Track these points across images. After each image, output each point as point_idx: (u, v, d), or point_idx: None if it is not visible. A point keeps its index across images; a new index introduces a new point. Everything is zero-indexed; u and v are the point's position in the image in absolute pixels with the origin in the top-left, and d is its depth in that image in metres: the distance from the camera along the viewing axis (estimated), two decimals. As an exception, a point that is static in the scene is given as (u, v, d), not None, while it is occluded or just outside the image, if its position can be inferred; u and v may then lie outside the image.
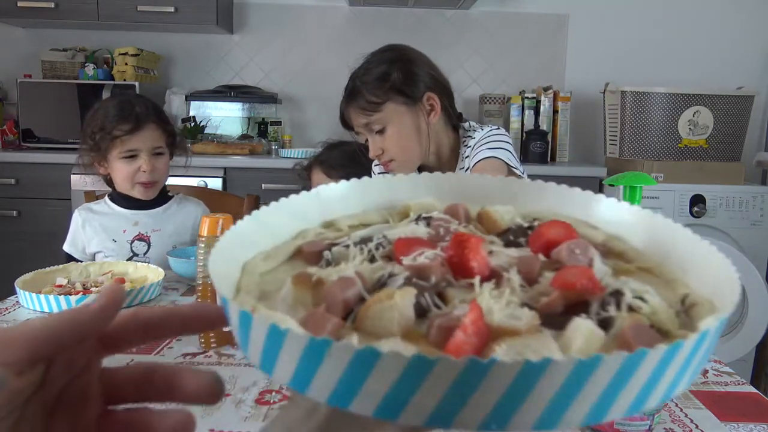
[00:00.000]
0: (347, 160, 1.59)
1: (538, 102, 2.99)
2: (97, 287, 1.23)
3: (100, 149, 1.49)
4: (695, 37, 3.18)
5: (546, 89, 3.00)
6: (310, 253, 0.39)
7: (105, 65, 3.05)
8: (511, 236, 0.39)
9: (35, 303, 1.14)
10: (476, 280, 0.33)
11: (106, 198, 1.59)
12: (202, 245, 0.97)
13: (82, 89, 2.84)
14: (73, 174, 2.65)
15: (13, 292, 1.19)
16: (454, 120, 1.35)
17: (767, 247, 2.61)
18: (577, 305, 0.31)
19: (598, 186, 2.72)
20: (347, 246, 0.38)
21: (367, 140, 1.32)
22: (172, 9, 2.86)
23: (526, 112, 3.00)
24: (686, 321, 0.32)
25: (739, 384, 0.88)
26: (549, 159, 2.94)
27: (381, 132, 1.27)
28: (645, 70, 3.17)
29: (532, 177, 1.32)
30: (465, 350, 0.27)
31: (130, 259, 1.52)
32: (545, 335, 0.28)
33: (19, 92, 2.84)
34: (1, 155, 2.72)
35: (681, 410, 0.79)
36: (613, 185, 0.76)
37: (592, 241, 0.37)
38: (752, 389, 0.87)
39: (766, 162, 2.91)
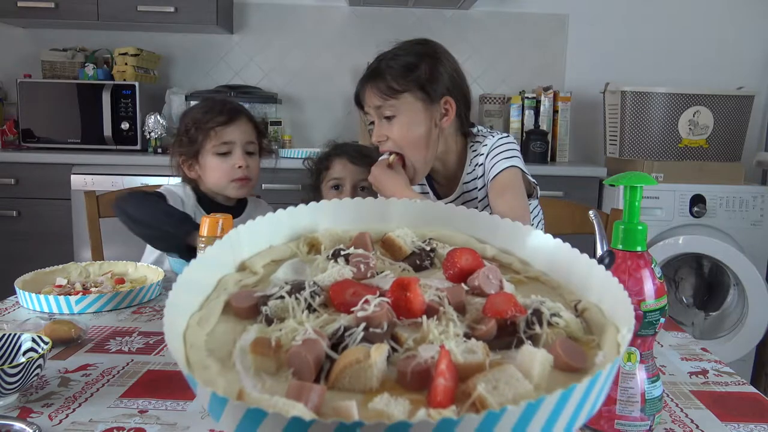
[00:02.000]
0: (370, 151, 1.58)
1: (538, 102, 2.99)
2: (96, 287, 1.23)
3: (195, 143, 1.46)
4: (695, 37, 3.18)
5: (546, 89, 3.00)
6: (242, 309, 0.40)
7: (105, 65, 3.05)
8: (418, 260, 0.44)
9: (35, 303, 1.14)
10: (423, 319, 0.36)
11: (197, 203, 1.51)
12: (202, 245, 0.97)
13: (82, 89, 2.84)
14: (73, 174, 2.65)
15: (13, 292, 1.19)
16: (465, 127, 1.35)
17: (767, 247, 2.60)
18: (505, 327, 0.36)
19: (598, 186, 2.72)
20: (282, 297, 0.38)
21: (371, 123, 1.32)
22: (172, 9, 2.86)
23: (526, 112, 3.00)
24: (584, 325, 0.37)
25: (739, 384, 0.88)
26: (549, 159, 2.94)
27: (389, 119, 1.26)
28: (645, 70, 3.17)
29: (533, 177, 1.33)
30: (449, 394, 0.31)
31: None
32: (509, 367, 0.32)
33: (19, 92, 2.84)
34: (1, 155, 2.72)
35: (681, 410, 0.79)
36: (613, 185, 0.76)
37: (483, 255, 0.42)
38: (752, 389, 0.87)
39: (766, 162, 2.91)
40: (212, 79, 3.22)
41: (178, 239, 1.18)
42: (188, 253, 1.32)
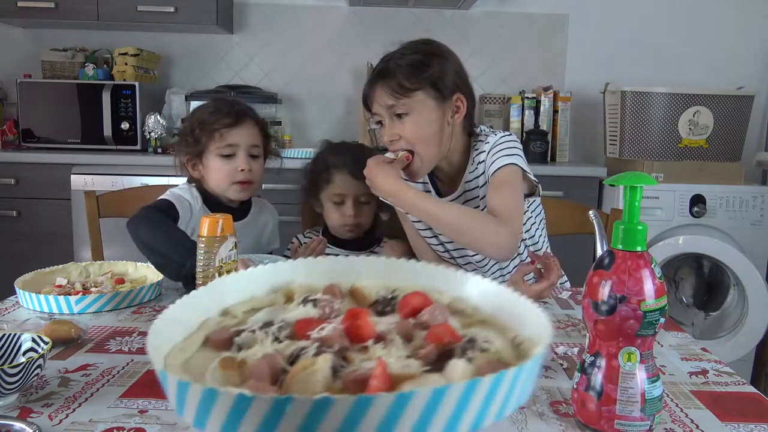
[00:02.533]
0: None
1: (538, 102, 2.99)
2: (96, 287, 1.23)
3: (199, 144, 1.46)
4: (695, 37, 3.18)
5: (546, 89, 3.00)
6: (219, 341, 0.45)
7: (105, 65, 3.05)
8: (380, 307, 0.51)
9: (35, 303, 1.14)
10: (370, 342, 0.43)
11: (203, 204, 1.50)
12: (203, 245, 0.97)
13: (82, 89, 2.84)
14: (73, 174, 2.65)
15: (13, 292, 1.19)
16: (471, 126, 1.35)
17: (767, 247, 2.60)
18: (445, 353, 0.42)
19: (598, 186, 2.72)
20: (253, 331, 0.44)
21: (377, 123, 1.31)
22: (172, 9, 2.86)
23: (526, 112, 3.00)
24: (520, 354, 0.44)
25: (739, 384, 0.88)
26: (549, 159, 2.94)
27: (401, 118, 1.26)
28: (645, 70, 3.17)
29: (534, 176, 1.33)
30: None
31: None
32: (434, 375, 0.38)
33: (19, 92, 2.84)
34: (1, 155, 2.72)
35: (681, 410, 0.79)
36: (613, 185, 0.76)
37: (440, 303, 0.49)
38: (752, 389, 0.87)
39: (766, 162, 2.91)
40: (212, 79, 3.22)
41: (185, 269, 1.17)
42: (193, 284, 1.30)
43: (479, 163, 1.32)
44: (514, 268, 1.41)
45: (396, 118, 1.27)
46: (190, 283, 1.14)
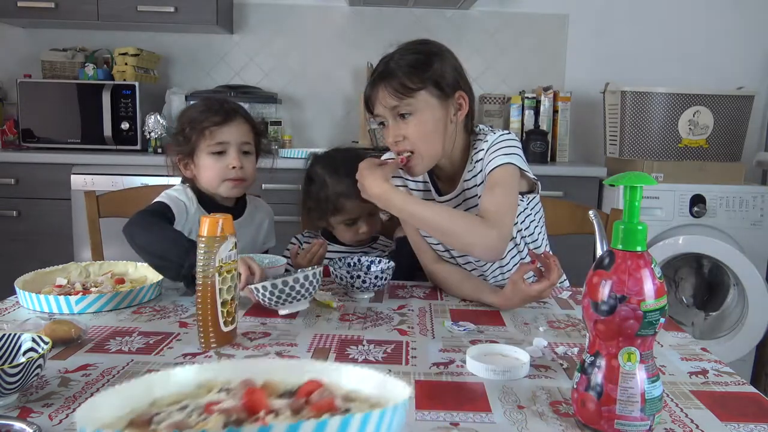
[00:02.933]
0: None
1: (538, 102, 2.99)
2: (96, 287, 1.23)
3: (189, 143, 1.46)
4: (695, 37, 3.18)
5: (546, 89, 3.00)
6: (141, 422, 0.53)
7: (105, 65, 3.05)
8: (285, 396, 0.58)
9: (35, 303, 1.14)
10: (262, 413, 0.51)
11: (198, 205, 1.50)
12: (203, 245, 0.97)
13: (82, 89, 2.84)
14: (73, 174, 2.65)
15: (13, 292, 1.19)
16: (471, 124, 1.36)
17: (767, 247, 2.61)
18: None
19: (598, 186, 2.72)
20: (171, 412, 0.52)
21: (380, 124, 1.31)
22: (172, 9, 2.86)
23: (526, 112, 3.00)
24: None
25: (739, 384, 0.88)
26: (549, 159, 2.94)
27: (405, 118, 1.26)
28: (645, 70, 3.17)
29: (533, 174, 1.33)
30: None
31: None
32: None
33: (19, 92, 2.84)
34: (1, 155, 2.72)
35: (681, 410, 0.79)
36: (613, 185, 0.76)
37: (338, 392, 0.58)
38: (752, 389, 0.87)
39: (766, 162, 2.91)
40: (212, 79, 3.22)
41: (184, 269, 1.17)
42: (194, 283, 1.30)
43: (477, 161, 1.32)
44: (514, 266, 1.41)
45: (400, 118, 1.26)
46: (191, 283, 1.14)
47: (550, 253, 1.21)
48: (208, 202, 1.49)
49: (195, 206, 1.47)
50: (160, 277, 1.27)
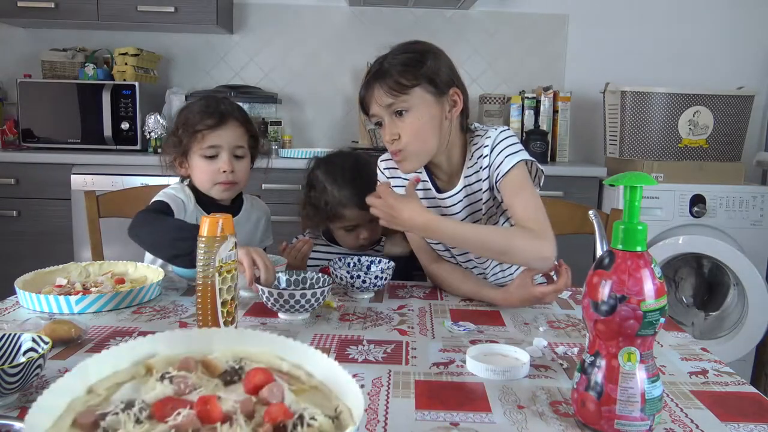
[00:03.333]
0: (369, 177, 1.51)
1: (538, 102, 2.99)
2: (97, 287, 1.23)
3: (182, 144, 1.47)
4: (695, 37, 3.18)
5: (546, 89, 3.00)
6: (86, 424, 0.51)
7: (105, 65, 3.05)
8: (228, 377, 0.58)
9: (35, 303, 1.14)
10: (218, 424, 0.51)
11: (196, 203, 1.51)
12: (203, 245, 0.97)
13: (82, 89, 2.84)
14: (73, 174, 2.65)
15: (13, 292, 1.19)
16: (465, 121, 1.36)
17: (767, 247, 2.60)
18: (278, 428, 0.52)
19: (598, 186, 2.72)
20: (117, 413, 0.50)
21: (376, 124, 1.32)
22: (172, 9, 2.86)
23: (526, 112, 3.00)
24: (339, 426, 0.53)
25: (739, 384, 0.88)
26: (549, 159, 2.94)
27: (400, 116, 1.26)
28: (645, 70, 3.17)
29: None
30: None
31: None
32: None
33: (19, 92, 2.84)
34: (1, 155, 2.72)
35: (681, 410, 0.79)
36: (613, 185, 0.76)
37: (279, 369, 0.58)
38: (752, 389, 0.87)
39: (766, 162, 2.91)
40: (212, 79, 3.22)
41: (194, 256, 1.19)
42: None
43: (480, 158, 1.33)
44: (514, 264, 1.41)
45: (396, 116, 1.27)
46: None
47: (563, 262, 1.22)
48: (205, 200, 1.49)
49: (193, 203, 1.48)
50: (161, 276, 1.27)
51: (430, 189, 1.39)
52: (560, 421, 0.76)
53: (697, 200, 2.56)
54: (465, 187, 1.35)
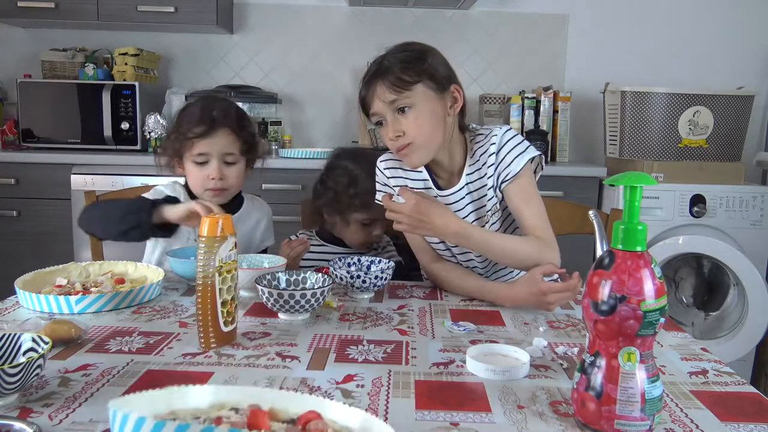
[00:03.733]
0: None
1: (538, 102, 2.99)
2: (97, 287, 1.23)
3: (175, 148, 1.49)
4: (695, 37, 3.18)
5: (546, 89, 3.00)
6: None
7: (105, 65, 3.05)
8: (287, 423, 0.66)
9: (35, 303, 1.14)
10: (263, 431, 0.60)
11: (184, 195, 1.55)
12: (203, 245, 0.97)
13: (82, 89, 2.84)
14: (73, 174, 2.65)
15: (13, 292, 1.19)
16: (463, 121, 1.38)
17: (767, 247, 2.60)
18: None
19: (598, 186, 2.72)
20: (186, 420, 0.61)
21: (377, 124, 1.32)
22: (172, 9, 2.86)
23: (526, 112, 3.00)
24: None
25: (739, 384, 0.88)
26: (549, 159, 2.94)
27: (403, 112, 1.26)
28: (645, 70, 3.17)
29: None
30: None
31: None
32: None
33: (19, 92, 2.84)
34: (1, 155, 2.72)
35: (681, 410, 0.79)
36: (613, 185, 0.76)
37: (332, 427, 0.65)
38: (752, 389, 0.87)
39: (766, 162, 2.91)
40: (212, 79, 3.22)
41: (147, 225, 1.23)
42: (164, 231, 1.39)
43: (483, 155, 1.33)
44: (517, 272, 1.42)
45: (399, 113, 1.26)
46: (163, 231, 1.24)
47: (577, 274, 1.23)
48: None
49: (183, 198, 1.50)
50: (160, 277, 1.27)
51: (431, 188, 1.39)
52: (560, 421, 0.76)
53: (697, 200, 2.56)
54: (467, 184, 1.36)
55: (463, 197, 1.36)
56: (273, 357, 0.94)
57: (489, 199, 1.34)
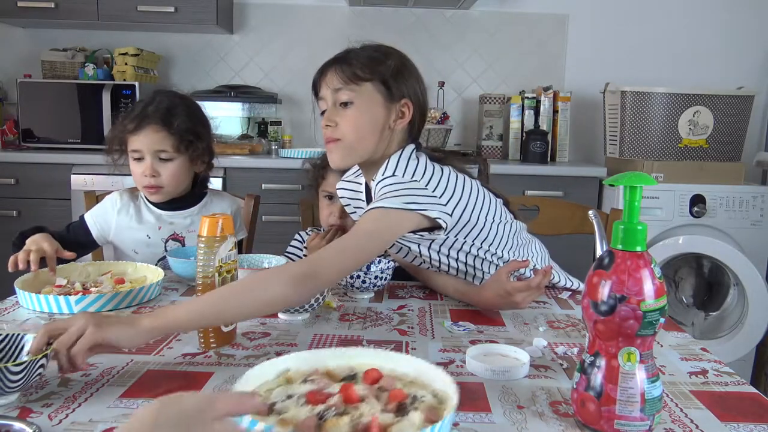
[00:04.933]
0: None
1: (538, 102, 2.99)
2: (96, 287, 1.23)
3: (116, 145, 1.49)
4: (695, 37, 3.18)
5: (546, 89, 3.00)
6: (263, 411, 0.67)
7: (105, 65, 3.05)
8: (348, 380, 0.76)
9: (35, 303, 1.14)
10: (360, 404, 0.68)
11: (146, 202, 1.56)
12: (202, 245, 0.97)
13: (82, 89, 2.84)
14: (73, 174, 2.65)
15: (13, 292, 1.19)
16: (408, 139, 1.29)
17: (767, 247, 2.60)
18: (400, 405, 0.69)
19: (598, 186, 2.72)
20: (284, 401, 0.70)
21: (321, 113, 1.29)
22: (172, 9, 2.86)
23: (526, 112, 3.00)
24: (440, 400, 0.71)
25: (739, 384, 0.88)
26: (549, 159, 2.93)
27: (345, 106, 1.22)
28: (645, 70, 3.17)
29: (533, 177, 1.32)
30: None
31: (162, 258, 1.50)
32: (404, 421, 0.66)
33: (19, 92, 2.84)
34: (1, 155, 2.72)
35: (681, 410, 0.79)
36: (613, 185, 0.76)
37: (390, 374, 0.77)
38: (752, 389, 0.87)
39: (766, 162, 2.91)
40: (212, 79, 3.22)
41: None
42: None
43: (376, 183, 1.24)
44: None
45: (340, 106, 1.23)
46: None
47: (550, 267, 1.20)
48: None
49: (119, 207, 1.53)
50: (160, 276, 1.27)
51: (363, 200, 1.35)
52: (560, 421, 0.76)
53: (697, 200, 2.56)
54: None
55: None
56: (273, 357, 0.94)
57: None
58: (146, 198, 1.55)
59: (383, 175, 1.20)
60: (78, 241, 1.46)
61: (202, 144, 1.51)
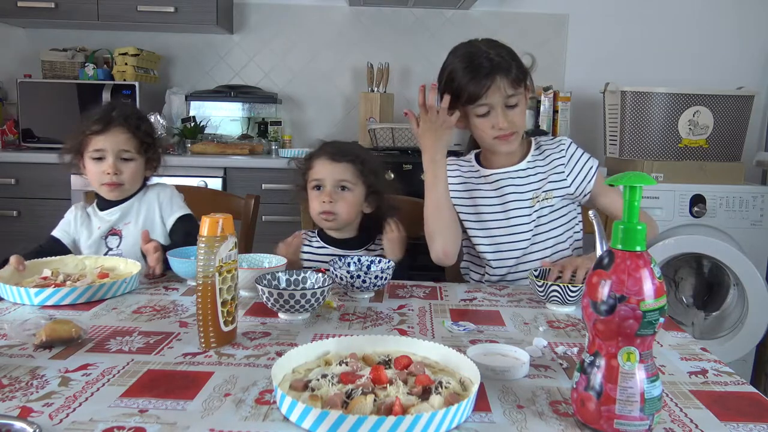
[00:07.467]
0: (352, 147, 1.65)
1: (538, 102, 2.99)
2: (79, 280, 1.28)
3: (75, 146, 1.58)
4: (695, 37, 3.19)
5: (546, 89, 3.01)
6: (299, 386, 0.79)
7: (105, 65, 3.05)
8: (383, 365, 0.85)
9: (7, 294, 1.18)
10: (387, 385, 0.78)
11: (95, 202, 1.66)
12: (203, 245, 0.97)
13: (82, 89, 2.84)
14: (73, 174, 2.65)
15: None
16: None
17: (767, 247, 2.60)
18: (426, 390, 0.77)
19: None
20: (318, 379, 0.80)
21: (485, 114, 1.43)
22: (172, 9, 2.86)
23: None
24: (464, 387, 0.80)
25: (739, 384, 0.89)
26: (549, 159, 2.93)
27: (513, 108, 1.43)
28: (645, 70, 3.17)
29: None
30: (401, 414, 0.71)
31: (106, 253, 1.57)
32: (425, 403, 0.74)
33: (19, 92, 2.84)
34: (1, 155, 2.72)
35: (681, 410, 0.79)
36: (612, 185, 0.76)
37: (421, 361, 0.87)
38: (752, 389, 0.87)
39: (766, 162, 2.91)
40: (212, 79, 3.22)
41: None
42: None
43: (552, 153, 1.55)
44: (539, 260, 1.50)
45: (508, 108, 1.42)
46: None
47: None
48: (101, 201, 1.61)
49: (81, 214, 1.62)
50: (137, 270, 1.32)
51: (478, 169, 1.56)
52: (560, 421, 0.76)
53: (697, 200, 2.56)
54: (527, 168, 1.52)
55: (523, 177, 1.51)
56: (273, 357, 0.94)
57: (543, 189, 1.50)
58: (102, 198, 1.61)
59: (560, 143, 1.56)
60: (55, 253, 1.51)
61: (158, 150, 1.66)
